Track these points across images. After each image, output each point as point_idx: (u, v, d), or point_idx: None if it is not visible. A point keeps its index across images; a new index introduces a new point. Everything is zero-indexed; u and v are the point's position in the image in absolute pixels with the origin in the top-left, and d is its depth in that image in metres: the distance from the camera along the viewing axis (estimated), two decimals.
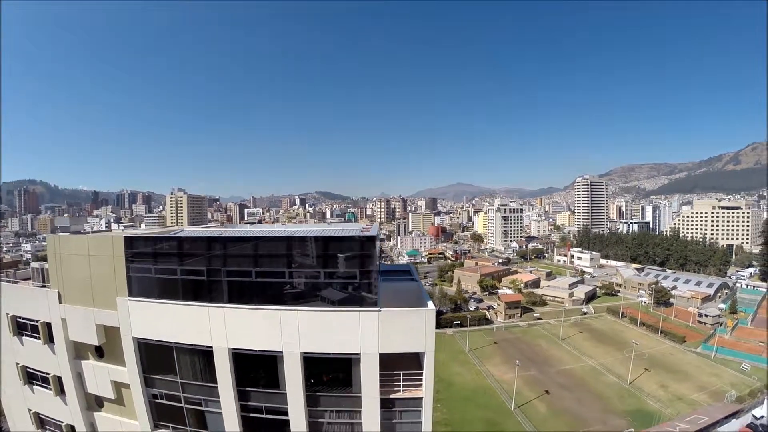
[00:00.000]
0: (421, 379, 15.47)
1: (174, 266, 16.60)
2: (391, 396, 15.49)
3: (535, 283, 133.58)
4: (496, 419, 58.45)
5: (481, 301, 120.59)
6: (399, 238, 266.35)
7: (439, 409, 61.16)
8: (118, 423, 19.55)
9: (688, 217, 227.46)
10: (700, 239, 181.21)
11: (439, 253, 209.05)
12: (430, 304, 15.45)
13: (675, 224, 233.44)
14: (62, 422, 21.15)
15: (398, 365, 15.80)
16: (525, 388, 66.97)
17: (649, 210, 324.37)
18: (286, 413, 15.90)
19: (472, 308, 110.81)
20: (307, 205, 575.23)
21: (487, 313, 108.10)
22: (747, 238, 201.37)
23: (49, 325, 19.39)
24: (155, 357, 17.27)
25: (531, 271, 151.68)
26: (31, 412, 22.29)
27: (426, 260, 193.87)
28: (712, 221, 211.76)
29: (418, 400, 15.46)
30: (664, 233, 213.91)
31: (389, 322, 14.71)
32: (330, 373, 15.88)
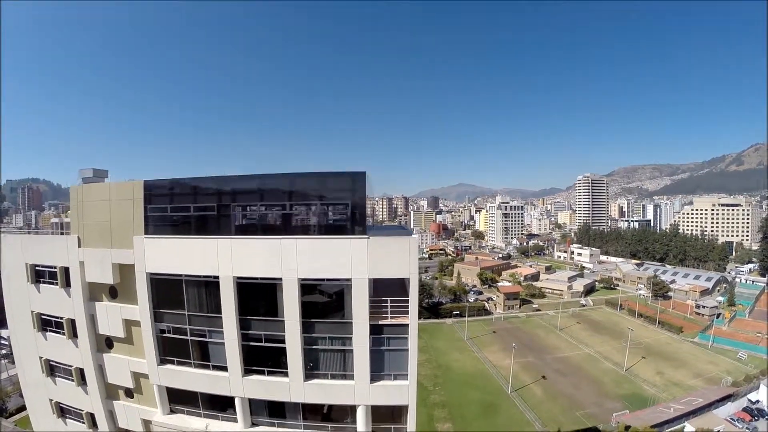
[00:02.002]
0: (407, 308, 16.71)
1: (188, 204, 18.12)
2: (380, 322, 16.74)
3: (535, 277, 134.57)
4: (493, 401, 59.45)
5: (480, 293, 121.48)
6: None
7: (437, 392, 62.29)
8: (126, 362, 20.87)
9: (688, 214, 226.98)
10: (699, 235, 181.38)
11: (440, 249, 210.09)
12: (414, 235, 16.75)
13: (675, 221, 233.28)
14: (72, 366, 22.39)
15: (386, 294, 17.08)
16: (522, 374, 67.97)
17: (650, 209, 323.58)
18: (283, 341, 17.23)
19: (471, 300, 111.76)
20: None
21: (486, 304, 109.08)
22: (747, 235, 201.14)
23: (66, 270, 20.79)
24: (165, 292, 18.69)
25: (531, 266, 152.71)
26: (42, 359, 23.50)
27: (427, 256, 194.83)
28: (712, 218, 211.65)
29: (404, 327, 16.70)
30: (665, 230, 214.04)
31: (377, 249, 16.05)
32: (323, 302, 17.15)
